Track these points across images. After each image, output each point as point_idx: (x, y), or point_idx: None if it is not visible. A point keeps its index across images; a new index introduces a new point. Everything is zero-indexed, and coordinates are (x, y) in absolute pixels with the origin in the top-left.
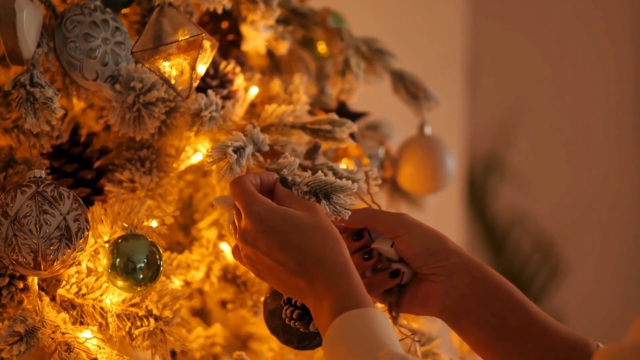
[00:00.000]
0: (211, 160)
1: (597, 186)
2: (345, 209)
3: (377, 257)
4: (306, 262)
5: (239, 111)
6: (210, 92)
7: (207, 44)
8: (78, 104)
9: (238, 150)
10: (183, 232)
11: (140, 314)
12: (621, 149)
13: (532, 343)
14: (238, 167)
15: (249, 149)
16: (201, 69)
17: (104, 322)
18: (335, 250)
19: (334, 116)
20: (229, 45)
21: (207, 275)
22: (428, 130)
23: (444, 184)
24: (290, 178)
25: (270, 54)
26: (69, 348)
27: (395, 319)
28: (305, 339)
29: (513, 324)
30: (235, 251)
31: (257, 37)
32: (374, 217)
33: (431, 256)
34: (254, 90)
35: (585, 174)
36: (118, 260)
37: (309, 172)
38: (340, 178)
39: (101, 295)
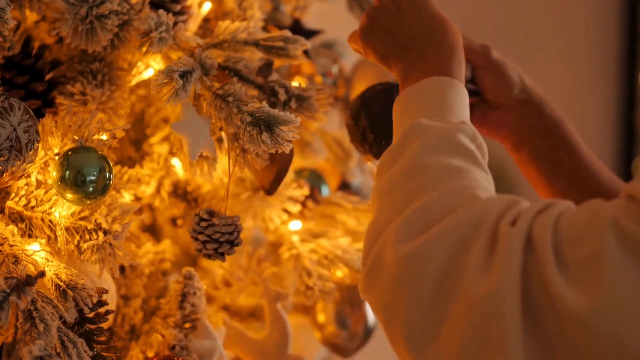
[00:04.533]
0: (157, 84)
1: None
2: (287, 140)
3: None
4: (433, 30)
5: (192, 27)
6: (161, 11)
7: None
8: (31, 16)
9: (184, 75)
10: (134, 147)
11: (89, 228)
12: (578, 72)
13: (582, 186)
14: (184, 93)
15: (197, 73)
16: None
17: (52, 235)
18: (459, 43)
19: (287, 33)
20: None
21: (158, 190)
22: None
23: None
24: None
25: None
26: (16, 260)
27: None
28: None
29: (567, 166)
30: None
31: None
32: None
33: (511, 88)
34: (207, 6)
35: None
36: (68, 172)
37: (256, 100)
38: (292, 96)
39: (50, 208)
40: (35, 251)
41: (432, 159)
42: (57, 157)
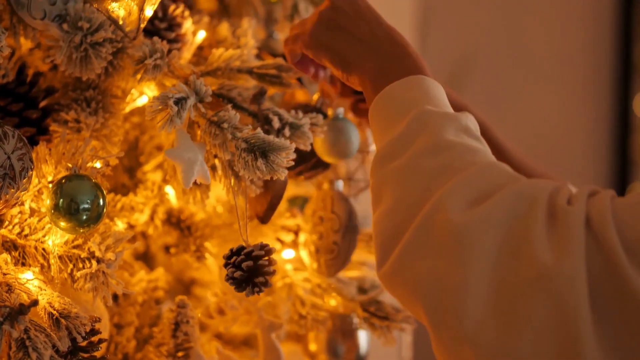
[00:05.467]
0: (152, 110)
1: (547, 136)
2: (282, 167)
3: None
4: (395, 35)
5: (186, 55)
6: (155, 39)
7: None
8: (25, 44)
9: (179, 102)
10: (128, 175)
11: (82, 256)
12: (572, 98)
13: None
14: (179, 119)
15: (191, 100)
16: (149, 11)
17: (45, 264)
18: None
19: (281, 61)
20: None
21: (151, 218)
22: None
23: None
24: None
25: None
26: (9, 289)
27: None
28: None
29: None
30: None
31: None
32: None
33: None
34: (201, 34)
35: (535, 124)
36: (61, 200)
37: (250, 127)
38: (286, 124)
39: (44, 236)
40: (29, 279)
41: (453, 138)
42: (50, 185)
